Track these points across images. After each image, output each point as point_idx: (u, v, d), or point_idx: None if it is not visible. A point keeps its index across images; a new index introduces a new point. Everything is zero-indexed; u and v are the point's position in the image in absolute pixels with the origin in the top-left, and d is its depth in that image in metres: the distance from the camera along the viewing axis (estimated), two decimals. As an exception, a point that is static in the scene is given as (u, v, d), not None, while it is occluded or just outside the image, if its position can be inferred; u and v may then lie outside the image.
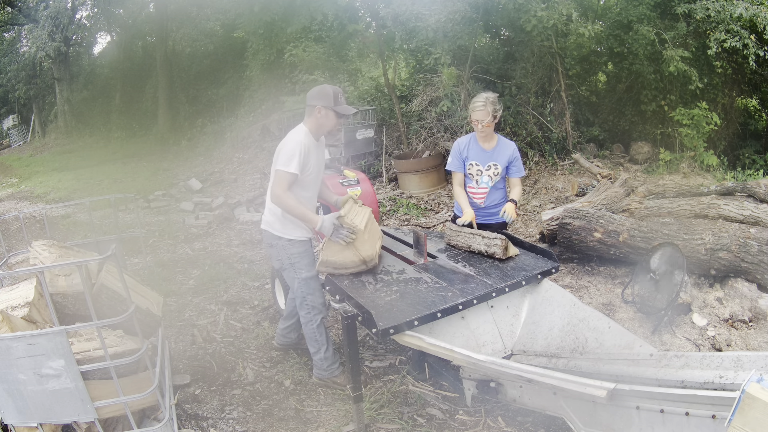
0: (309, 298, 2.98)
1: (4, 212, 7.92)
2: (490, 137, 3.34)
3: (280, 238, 2.94)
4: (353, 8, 10.38)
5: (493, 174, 3.36)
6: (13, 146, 21.08)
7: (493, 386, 2.42)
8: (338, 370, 3.12)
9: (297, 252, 2.95)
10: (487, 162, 3.34)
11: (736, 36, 7.17)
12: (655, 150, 8.67)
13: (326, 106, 2.83)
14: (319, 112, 2.84)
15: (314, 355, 3.10)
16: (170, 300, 4.45)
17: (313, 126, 2.90)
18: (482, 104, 3.17)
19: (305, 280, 2.96)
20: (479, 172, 3.36)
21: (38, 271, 2.12)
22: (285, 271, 3.03)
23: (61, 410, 2.07)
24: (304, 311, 3.01)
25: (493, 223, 3.39)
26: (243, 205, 7.67)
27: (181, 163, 12.27)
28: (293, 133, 2.90)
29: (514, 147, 3.39)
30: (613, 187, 5.72)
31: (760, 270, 3.69)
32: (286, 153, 2.78)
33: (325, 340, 3.06)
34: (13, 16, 19.51)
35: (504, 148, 3.36)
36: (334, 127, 2.92)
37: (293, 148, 2.77)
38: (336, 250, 2.69)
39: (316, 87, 2.93)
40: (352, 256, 2.69)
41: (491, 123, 3.20)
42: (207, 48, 16.53)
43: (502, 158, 3.34)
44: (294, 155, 2.75)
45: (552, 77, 8.89)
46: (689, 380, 1.98)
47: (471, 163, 3.37)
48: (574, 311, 2.66)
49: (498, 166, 3.34)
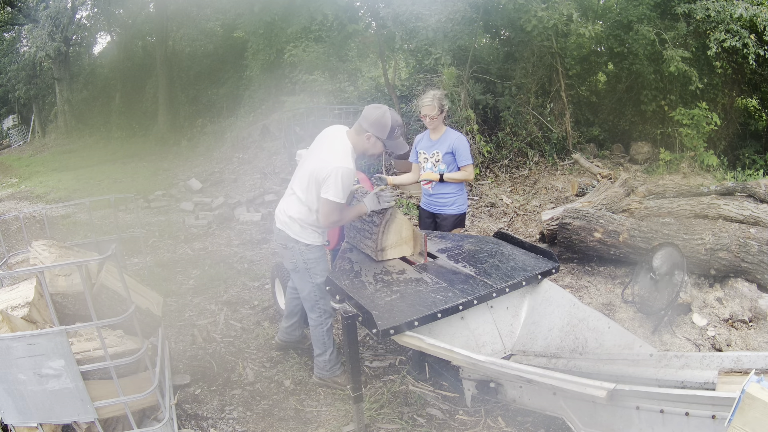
0: (321, 303, 2.96)
1: (4, 212, 7.92)
2: (438, 130, 3.68)
3: (297, 241, 2.86)
4: (353, 8, 10.39)
5: (435, 161, 3.68)
6: (13, 146, 21.08)
7: (492, 386, 2.42)
8: (339, 370, 3.13)
9: (314, 257, 2.89)
10: (431, 150, 3.69)
11: (736, 36, 7.17)
12: (655, 150, 8.67)
13: (378, 138, 2.70)
14: (368, 139, 2.70)
15: (318, 357, 3.10)
16: (170, 300, 4.45)
17: (358, 147, 2.74)
18: (430, 100, 3.56)
19: (319, 286, 2.92)
20: (426, 160, 3.73)
21: (38, 271, 2.12)
22: (298, 274, 2.96)
23: (61, 410, 2.07)
24: (315, 314, 3.00)
25: (442, 213, 3.72)
26: (243, 205, 7.67)
27: (181, 163, 12.28)
28: (340, 150, 2.67)
29: (458, 136, 3.67)
30: (613, 187, 5.72)
31: (760, 270, 3.69)
32: (335, 182, 2.57)
33: (332, 344, 3.07)
34: (13, 16, 19.52)
35: (447, 138, 3.65)
36: (378, 155, 2.87)
37: (346, 177, 2.59)
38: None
39: (378, 110, 2.69)
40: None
41: (437, 116, 3.58)
42: (207, 48, 16.55)
43: (443, 146, 3.63)
44: (346, 187, 2.61)
45: (552, 77, 8.90)
46: (689, 380, 1.98)
47: (420, 152, 3.78)
48: (573, 311, 2.66)
49: (439, 153, 3.65)
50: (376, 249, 2.83)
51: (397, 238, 2.88)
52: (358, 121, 2.73)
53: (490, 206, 7.09)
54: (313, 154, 2.81)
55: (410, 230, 2.93)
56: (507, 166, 8.47)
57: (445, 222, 3.71)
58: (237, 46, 14.47)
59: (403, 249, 2.92)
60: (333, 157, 2.63)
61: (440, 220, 3.74)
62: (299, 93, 10.00)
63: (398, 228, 2.87)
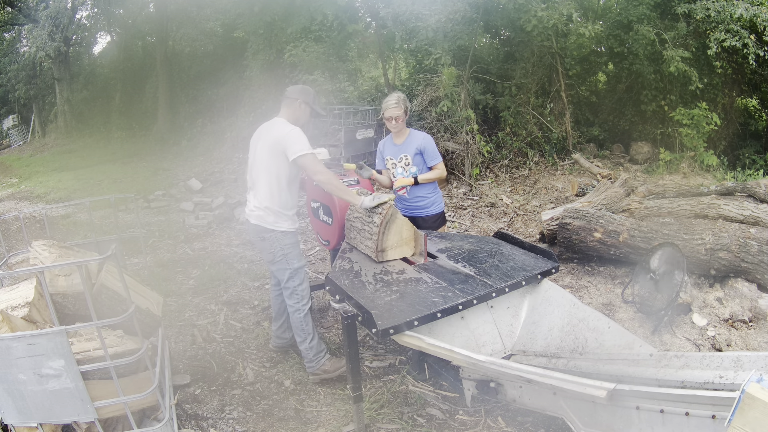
0: (299, 288, 3.11)
1: (4, 212, 7.92)
2: (402, 133, 3.63)
3: (273, 231, 3.03)
4: (353, 8, 10.39)
5: (405, 164, 3.62)
6: (13, 146, 21.07)
7: (492, 386, 2.42)
8: (324, 357, 3.18)
9: (289, 243, 3.07)
10: (399, 155, 3.63)
11: (736, 36, 7.17)
12: (655, 150, 8.67)
13: (306, 102, 3.07)
14: (299, 106, 3.06)
15: (301, 345, 3.16)
16: (170, 300, 4.45)
17: (290, 118, 3.07)
18: (395, 102, 3.48)
19: (296, 270, 3.10)
20: (394, 165, 3.68)
21: (38, 271, 2.12)
22: (276, 264, 3.11)
23: (61, 410, 2.07)
24: (293, 300, 3.11)
25: (418, 216, 3.64)
26: (243, 205, 7.65)
27: (181, 163, 12.28)
28: (281, 124, 3.02)
29: (423, 136, 3.63)
30: (613, 187, 5.72)
31: (760, 270, 3.69)
32: (297, 138, 2.90)
33: (311, 329, 3.14)
34: (13, 16, 19.51)
35: (413, 140, 3.60)
36: (305, 123, 3.12)
37: (302, 135, 2.93)
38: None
39: (297, 85, 3.19)
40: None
41: (402, 119, 3.52)
42: (207, 48, 16.52)
43: (411, 148, 3.58)
44: (305, 138, 2.92)
45: (552, 77, 8.90)
46: (689, 380, 1.98)
47: (387, 159, 3.72)
48: (573, 311, 2.65)
49: (408, 156, 3.60)
50: (376, 250, 2.82)
51: (398, 239, 2.87)
52: (284, 100, 3.10)
53: (490, 206, 7.09)
54: (262, 142, 3.05)
55: (411, 231, 2.92)
56: (507, 166, 8.47)
57: (427, 223, 3.63)
58: (237, 46, 14.45)
59: (403, 250, 2.91)
60: (279, 130, 2.97)
61: (422, 222, 3.63)
62: (299, 93, 9.98)
63: (399, 229, 2.86)
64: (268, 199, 3.01)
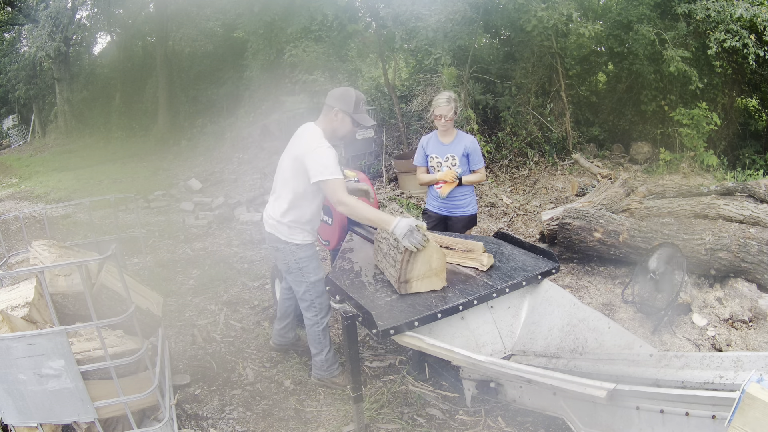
0: (317, 301, 2.95)
1: (4, 212, 7.92)
2: (450, 132, 3.63)
3: (287, 243, 2.87)
4: (353, 8, 10.39)
5: (450, 164, 3.62)
6: (13, 146, 21.05)
7: (492, 386, 2.42)
8: (337, 370, 3.12)
9: (305, 256, 2.89)
10: (445, 154, 3.62)
11: (736, 36, 7.17)
12: (655, 150, 8.67)
13: (345, 111, 2.71)
14: (336, 116, 2.72)
15: (315, 356, 3.09)
16: (170, 300, 4.45)
17: (327, 129, 2.76)
18: (446, 101, 3.49)
19: (314, 284, 2.92)
20: (439, 164, 3.67)
21: (38, 271, 2.12)
22: (291, 275, 2.95)
23: (61, 410, 2.07)
24: (311, 313, 2.98)
25: (455, 216, 3.67)
26: (243, 205, 7.67)
27: (181, 163, 12.27)
28: (311, 136, 2.71)
29: (471, 139, 3.64)
30: (613, 187, 5.72)
31: (760, 270, 3.70)
32: (320, 159, 2.59)
33: (328, 343, 3.06)
34: (13, 16, 19.50)
35: (461, 140, 3.62)
36: (348, 134, 2.80)
37: (330, 156, 2.61)
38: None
39: (340, 88, 2.79)
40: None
41: (452, 118, 3.52)
42: (207, 48, 16.52)
43: (458, 149, 3.59)
44: (335, 162, 2.61)
45: (552, 77, 8.90)
46: (689, 380, 1.98)
47: (431, 157, 3.69)
48: (573, 311, 2.66)
49: (455, 157, 3.60)
50: (399, 280, 2.43)
51: (426, 268, 2.43)
52: (324, 104, 2.78)
53: (490, 206, 7.09)
54: (289, 152, 2.83)
55: (442, 260, 2.46)
56: (507, 166, 8.47)
57: (458, 224, 3.68)
58: (237, 46, 14.46)
59: (432, 282, 2.47)
60: (306, 144, 2.69)
61: (452, 222, 3.71)
62: (299, 93, 9.98)
63: (428, 257, 2.41)
64: (284, 212, 2.82)
